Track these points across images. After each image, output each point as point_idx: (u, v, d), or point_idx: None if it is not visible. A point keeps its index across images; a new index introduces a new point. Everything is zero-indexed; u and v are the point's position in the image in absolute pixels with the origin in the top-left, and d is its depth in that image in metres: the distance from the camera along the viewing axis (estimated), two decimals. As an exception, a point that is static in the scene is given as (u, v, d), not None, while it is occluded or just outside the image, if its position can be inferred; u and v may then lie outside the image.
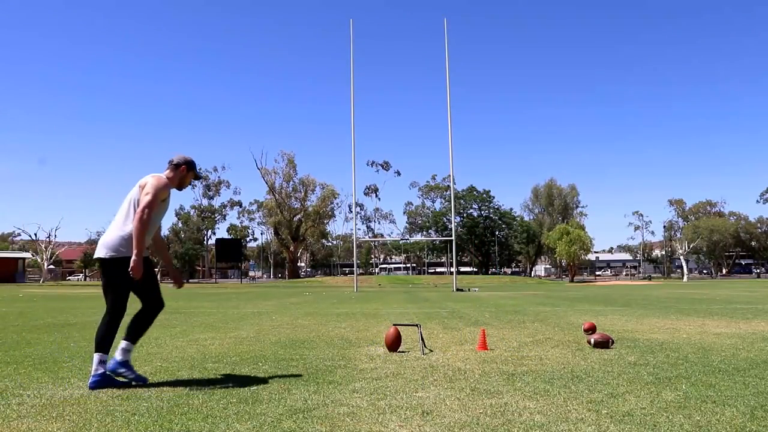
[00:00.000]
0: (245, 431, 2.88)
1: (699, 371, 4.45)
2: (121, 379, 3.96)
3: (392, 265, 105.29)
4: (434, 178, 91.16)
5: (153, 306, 4.25)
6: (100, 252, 4.00)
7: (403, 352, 5.63)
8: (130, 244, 3.94)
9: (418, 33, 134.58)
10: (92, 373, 3.89)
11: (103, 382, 3.86)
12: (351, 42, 35.59)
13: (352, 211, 55.67)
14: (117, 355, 3.98)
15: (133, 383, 3.97)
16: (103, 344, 3.95)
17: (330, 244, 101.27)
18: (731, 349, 5.70)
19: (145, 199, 3.93)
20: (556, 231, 71.35)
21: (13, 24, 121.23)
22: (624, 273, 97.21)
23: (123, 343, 4.05)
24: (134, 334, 4.13)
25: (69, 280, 77.51)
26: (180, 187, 4.34)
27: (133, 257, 3.87)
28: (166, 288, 40.81)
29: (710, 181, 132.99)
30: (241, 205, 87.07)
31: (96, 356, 3.91)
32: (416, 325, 6.05)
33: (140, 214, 3.88)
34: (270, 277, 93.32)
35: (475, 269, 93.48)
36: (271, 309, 13.26)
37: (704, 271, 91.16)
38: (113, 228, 4.04)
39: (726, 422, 2.98)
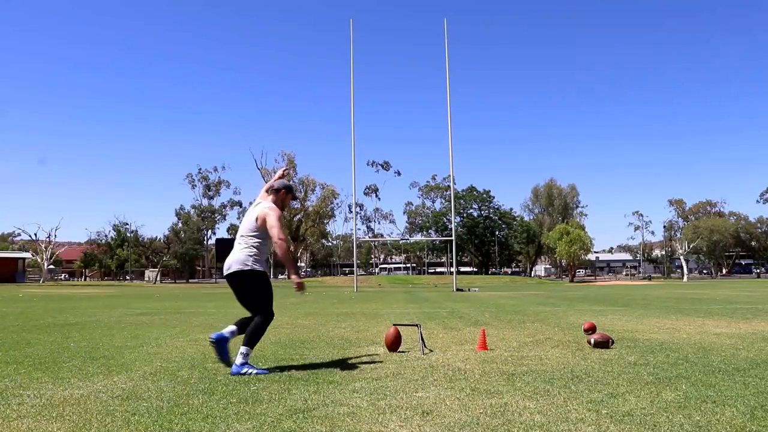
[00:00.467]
0: (245, 431, 2.88)
1: (699, 371, 4.45)
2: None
3: (392, 265, 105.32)
4: (434, 178, 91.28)
5: (263, 315, 4.92)
6: (234, 267, 4.70)
7: (403, 352, 5.63)
8: (256, 260, 4.74)
9: (418, 33, 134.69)
10: (236, 363, 4.51)
11: (239, 371, 4.46)
12: (351, 42, 35.63)
13: (352, 211, 55.73)
14: (238, 358, 4.58)
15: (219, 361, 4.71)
16: (253, 341, 4.67)
17: (330, 244, 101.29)
18: (731, 349, 5.70)
19: (274, 231, 4.68)
20: (556, 231, 71.38)
21: (13, 24, 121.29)
22: (624, 273, 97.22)
23: (242, 348, 4.63)
24: (251, 340, 4.73)
25: (60, 279, 77.13)
26: (282, 209, 4.98)
27: (294, 278, 4.75)
28: (168, 289, 40.47)
29: (710, 181, 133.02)
30: (241, 205, 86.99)
31: (243, 349, 4.57)
32: (416, 325, 6.04)
33: (281, 245, 4.67)
34: (270, 277, 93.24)
35: (475, 269, 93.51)
36: (271, 309, 13.25)
37: (704, 271, 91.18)
38: (235, 249, 4.78)
39: (726, 422, 2.98)
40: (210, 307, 14.40)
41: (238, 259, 4.69)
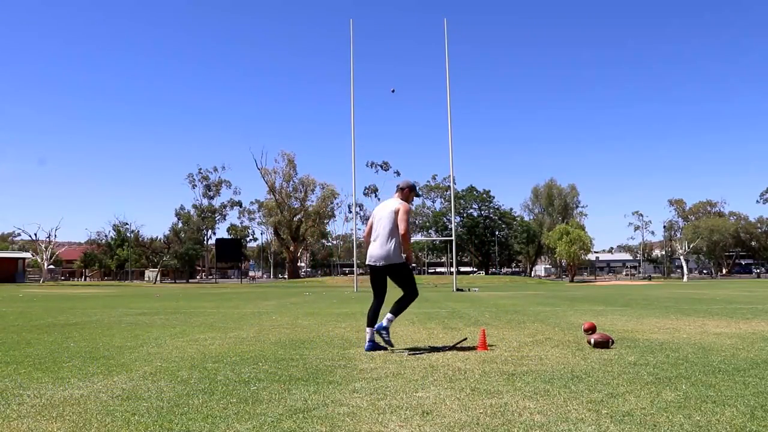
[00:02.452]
0: (245, 431, 2.88)
1: (699, 371, 4.45)
2: (378, 339, 5.76)
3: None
4: (434, 178, 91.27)
5: (411, 293, 5.79)
6: (381, 262, 5.67)
7: (403, 352, 5.63)
8: (397, 254, 5.66)
9: (418, 33, 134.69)
10: (381, 323, 5.72)
11: (380, 329, 5.67)
12: (351, 42, 35.61)
13: (352, 211, 55.71)
14: (384, 321, 5.71)
15: (384, 345, 5.73)
16: (399, 310, 5.74)
17: (330, 244, 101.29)
18: (731, 349, 5.70)
19: (402, 225, 5.62)
20: (556, 231, 71.34)
21: (13, 24, 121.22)
22: (624, 273, 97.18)
23: (389, 315, 5.72)
24: (397, 311, 5.76)
25: (62, 279, 77.35)
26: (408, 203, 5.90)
27: (408, 255, 5.73)
28: (168, 289, 40.39)
29: (710, 181, 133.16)
30: (241, 205, 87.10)
31: (389, 315, 5.69)
32: (464, 339, 6.21)
33: (405, 231, 5.62)
34: (270, 277, 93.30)
35: (475, 269, 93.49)
36: (271, 309, 13.26)
37: (704, 271, 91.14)
38: (381, 243, 5.68)
39: (726, 422, 2.98)
40: (210, 307, 14.40)
41: (387, 255, 5.62)
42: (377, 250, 5.69)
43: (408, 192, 5.90)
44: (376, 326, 5.68)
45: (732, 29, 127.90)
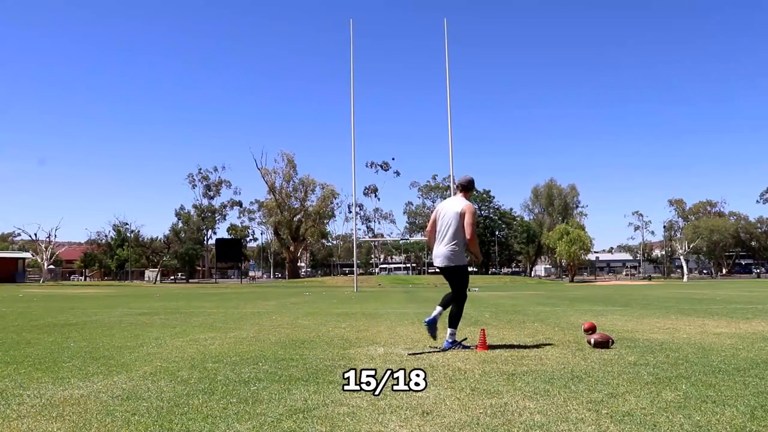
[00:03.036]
0: (245, 431, 2.88)
1: (699, 371, 4.45)
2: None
3: (392, 265, 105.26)
4: (434, 178, 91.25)
5: (458, 295, 5.87)
6: (444, 263, 5.78)
7: (403, 352, 5.63)
8: (460, 257, 5.77)
9: (418, 33, 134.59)
10: (447, 341, 5.73)
11: (452, 346, 5.68)
12: (351, 42, 35.61)
13: (352, 211, 55.73)
14: (434, 312, 5.80)
15: (467, 345, 5.82)
16: (455, 322, 5.76)
17: (330, 244, 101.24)
18: (731, 349, 5.70)
19: (469, 229, 5.72)
20: (556, 231, 71.35)
21: (13, 24, 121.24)
22: (624, 273, 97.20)
23: (438, 307, 5.84)
24: (445, 305, 5.87)
25: (70, 279, 77.53)
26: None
27: (477, 256, 5.99)
28: (168, 289, 40.34)
29: (710, 181, 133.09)
30: (241, 205, 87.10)
31: (449, 330, 5.74)
32: (464, 339, 6.18)
33: (471, 236, 5.72)
34: (270, 277, 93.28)
35: (475, 269, 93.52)
36: (271, 309, 13.26)
37: (704, 271, 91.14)
38: (445, 244, 5.78)
39: (726, 422, 2.98)
40: (210, 306, 14.39)
41: (450, 256, 5.74)
42: (442, 250, 5.81)
43: (470, 189, 6.05)
44: (425, 319, 5.80)
45: (732, 29, 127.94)
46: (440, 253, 5.83)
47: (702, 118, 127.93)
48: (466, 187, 6.01)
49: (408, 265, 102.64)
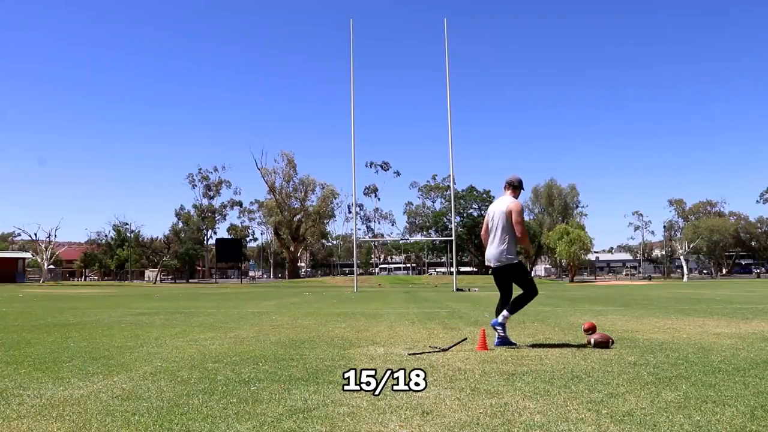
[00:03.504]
0: (245, 431, 2.88)
1: (699, 371, 4.45)
2: (496, 334, 5.85)
3: (392, 265, 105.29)
4: (434, 178, 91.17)
5: (530, 292, 5.92)
6: (495, 264, 5.86)
7: (403, 352, 5.63)
8: (511, 255, 5.82)
9: (418, 33, 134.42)
10: (497, 319, 5.83)
11: (494, 325, 5.81)
12: (351, 42, 35.62)
13: (352, 212, 55.74)
14: (499, 318, 5.85)
15: (513, 342, 5.91)
16: (515, 308, 5.81)
17: (330, 244, 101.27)
18: (731, 349, 5.70)
19: (519, 228, 5.80)
20: (556, 231, 71.32)
21: (13, 24, 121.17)
22: (624, 273, 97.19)
23: (505, 312, 5.83)
24: (514, 308, 5.85)
25: (70, 280, 77.58)
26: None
27: (529, 249, 6.27)
28: (168, 289, 40.38)
29: (710, 181, 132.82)
30: (241, 205, 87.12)
31: (505, 312, 5.80)
32: (464, 339, 6.23)
33: (522, 234, 5.82)
34: (270, 277, 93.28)
35: (475, 269, 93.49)
36: (271, 309, 13.26)
37: (704, 271, 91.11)
38: (496, 245, 5.85)
39: (726, 422, 2.98)
40: (210, 307, 14.40)
41: (501, 256, 5.79)
42: (492, 251, 5.89)
43: (519, 188, 6.07)
44: (491, 321, 5.85)
45: (732, 29, 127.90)
46: (491, 254, 5.91)
47: (702, 118, 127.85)
48: (514, 185, 6.04)
49: (408, 265, 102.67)
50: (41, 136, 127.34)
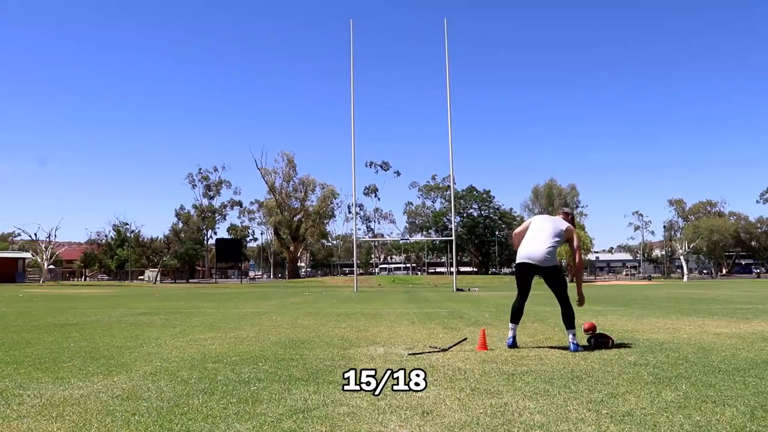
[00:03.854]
0: (245, 431, 2.88)
1: (699, 371, 4.45)
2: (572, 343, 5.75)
3: (392, 265, 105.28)
4: (434, 178, 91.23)
5: (569, 305, 5.88)
6: (544, 263, 5.80)
7: (403, 352, 5.63)
8: (556, 260, 5.92)
9: (418, 33, 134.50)
10: (572, 342, 5.69)
11: (577, 350, 5.65)
12: (351, 42, 35.63)
13: (352, 212, 55.71)
14: (571, 346, 5.68)
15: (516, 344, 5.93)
16: (572, 323, 5.77)
17: (330, 244, 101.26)
18: (731, 349, 5.70)
19: (578, 256, 6.10)
20: (556, 231, 71.29)
21: (13, 24, 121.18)
22: (624, 273, 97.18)
23: (570, 336, 5.76)
24: (572, 321, 5.80)
25: (70, 280, 77.60)
26: None
27: (581, 293, 6.09)
28: (168, 289, 40.32)
29: (710, 181, 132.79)
30: (241, 205, 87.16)
31: (570, 333, 5.75)
32: (464, 339, 6.22)
33: (579, 259, 6.13)
34: (270, 277, 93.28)
35: (475, 269, 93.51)
36: (271, 309, 13.26)
37: (704, 271, 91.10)
38: (546, 249, 5.81)
39: (726, 422, 2.98)
40: (210, 307, 14.40)
41: (549, 258, 5.82)
42: (540, 250, 5.82)
43: (571, 220, 6.29)
44: (572, 348, 5.65)
45: (732, 29, 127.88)
46: (539, 253, 5.81)
47: (702, 118, 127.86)
48: (570, 214, 6.32)
49: (408, 265, 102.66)
50: (41, 136, 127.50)
